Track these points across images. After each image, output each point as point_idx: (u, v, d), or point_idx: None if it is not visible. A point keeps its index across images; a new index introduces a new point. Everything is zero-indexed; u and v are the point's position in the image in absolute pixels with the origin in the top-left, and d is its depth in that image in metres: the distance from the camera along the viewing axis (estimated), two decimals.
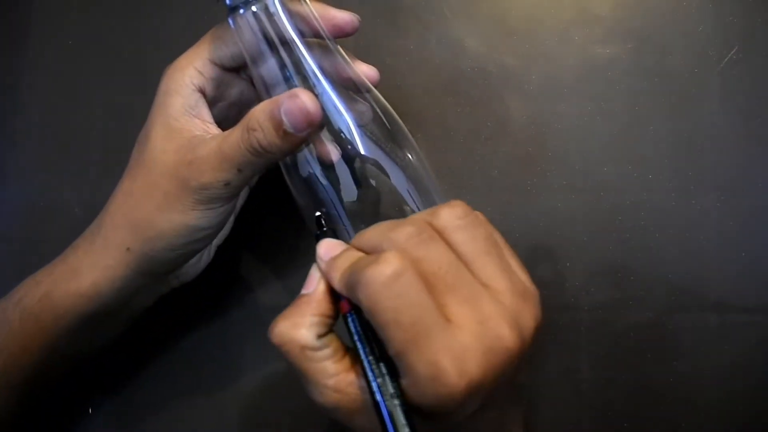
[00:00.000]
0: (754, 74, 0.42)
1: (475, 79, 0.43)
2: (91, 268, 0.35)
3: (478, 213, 0.30)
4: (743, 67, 0.42)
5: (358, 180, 0.33)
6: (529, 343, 0.27)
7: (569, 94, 0.43)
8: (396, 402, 0.26)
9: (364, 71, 0.36)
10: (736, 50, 0.42)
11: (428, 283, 0.26)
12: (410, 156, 0.34)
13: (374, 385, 0.27)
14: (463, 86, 0.43)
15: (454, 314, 0.26)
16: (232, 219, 0.40)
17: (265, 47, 0.33)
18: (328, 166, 0.33)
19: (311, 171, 0.33)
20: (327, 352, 0.28)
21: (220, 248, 0.40)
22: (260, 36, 0.33)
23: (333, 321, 0.29)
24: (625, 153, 0.42)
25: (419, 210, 0.33)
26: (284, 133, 0.31)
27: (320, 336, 0.28)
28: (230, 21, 0.33)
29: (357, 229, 0.32)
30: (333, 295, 0.29)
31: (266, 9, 0.33)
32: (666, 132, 0.42)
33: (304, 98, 0.31)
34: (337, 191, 0.33)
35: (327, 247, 0.30)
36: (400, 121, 0.35)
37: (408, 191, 0.33)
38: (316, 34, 0.34)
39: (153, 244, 0.34)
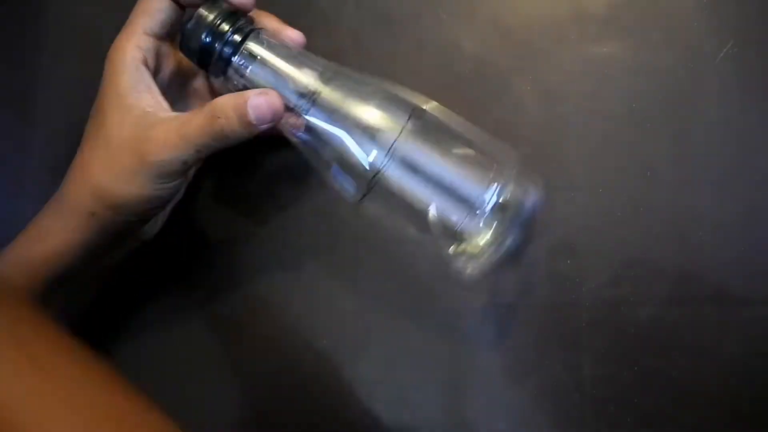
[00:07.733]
0: (749, 69, 0.42)
1: (473, 81, 0.44)
2: (60, 230, 0.37)
3: None
4: (739, 62, 0.42)
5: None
6: None
7: (566, 92, 0.43)
8: None
9: (290, 35, 0.39)
10: (731, 45, 0.42)
11: None
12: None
13: None
14: (461, 88, 0.44)
15: None
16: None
17: (265, 83, 0.36)
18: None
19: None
20: None
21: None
22: (261, 75, 0.36)
23: None
24: (623, 149, 0.42)
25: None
26: (248, 124, 0.35)
27: None
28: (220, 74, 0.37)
29: None
30: None
31: (251, 54, 0.36)
32: (663, 128, 0.42)
33: (272, 96, 0.35)
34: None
35: None
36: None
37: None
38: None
39: (115, 211, 0.37)
